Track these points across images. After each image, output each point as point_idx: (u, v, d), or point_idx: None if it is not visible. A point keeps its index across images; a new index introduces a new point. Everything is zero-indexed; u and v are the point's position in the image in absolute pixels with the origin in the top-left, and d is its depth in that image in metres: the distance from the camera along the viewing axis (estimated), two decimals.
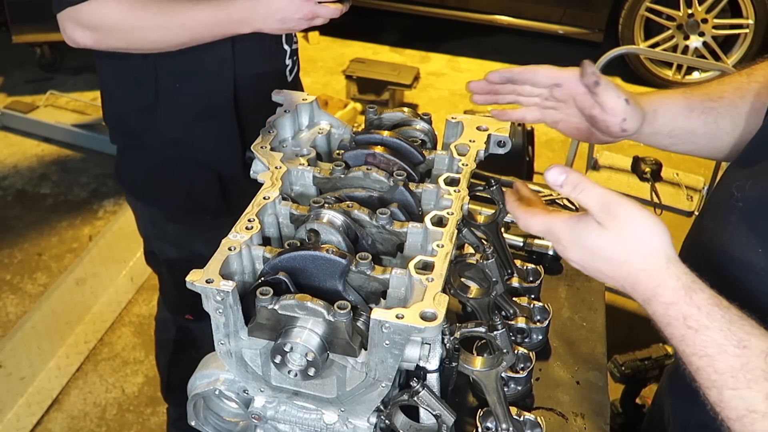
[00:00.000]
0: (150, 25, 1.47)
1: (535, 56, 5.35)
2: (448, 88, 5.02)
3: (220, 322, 0.98)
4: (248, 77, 1.68)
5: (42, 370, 2.81)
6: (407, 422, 1.10)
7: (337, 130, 1.36)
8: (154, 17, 1.46)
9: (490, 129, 1.30)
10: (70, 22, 1.46)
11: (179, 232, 1.86)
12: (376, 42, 5.51)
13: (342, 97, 4.46)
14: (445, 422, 1.05)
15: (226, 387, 1.10)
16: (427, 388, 1.03)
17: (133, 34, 1.49)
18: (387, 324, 0.89)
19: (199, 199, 1.80)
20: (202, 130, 1.71)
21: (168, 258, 1.91)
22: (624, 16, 4.80)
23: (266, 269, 1.00)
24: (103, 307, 3.10)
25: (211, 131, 1.72)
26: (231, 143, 1.72)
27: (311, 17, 1.51)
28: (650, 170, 2.80)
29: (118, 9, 1.44)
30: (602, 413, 1.29)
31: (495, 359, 1.10)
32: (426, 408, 1.04)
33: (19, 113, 4.37)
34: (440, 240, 1.04)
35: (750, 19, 4.62)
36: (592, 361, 1.39)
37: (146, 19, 1.46)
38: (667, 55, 4.43)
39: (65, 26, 1.47)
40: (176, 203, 1.82)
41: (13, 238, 3.52)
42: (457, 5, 5.16)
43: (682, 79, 4.90)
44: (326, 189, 1.19)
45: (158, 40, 1.50)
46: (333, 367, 1.00)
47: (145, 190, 1.84)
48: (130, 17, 1.45)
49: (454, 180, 1.17)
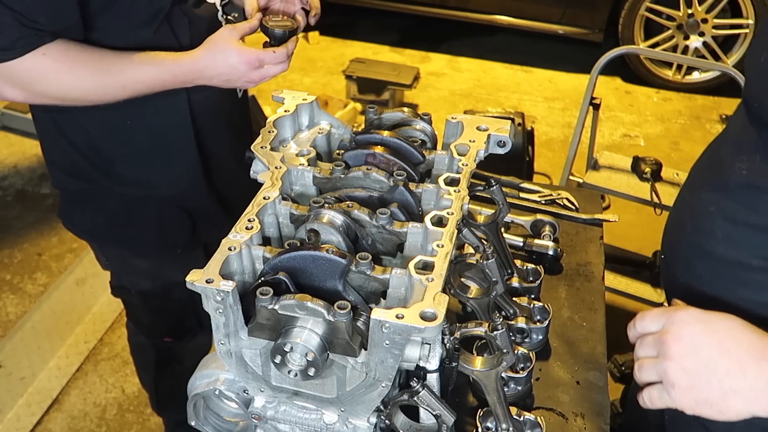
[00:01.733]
0: (88, 85, 1.35)
1: (535, 56, 5.36)
2: (448, 88, 5.02)
3: (220, 322, 0.98)
4: (203, 101, 1.59)
5: (42, 370, 2.81)
6: (407, 422, 1.10)
7: (337, 130, 1.36)
8: (94, 77, 1.34)
9: (490, 129, 1.30)
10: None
11: (151, 265, 1.79)
12: (376, 42, 5.51)
13: (342, 97, 4.46)
14: (445, 422, 1.05)
15: (226, 387, 1.10)
16: (427, 388, 1.03)
17: (70, 95, 1.37)
18: (387, 324, 0.89)
19: (168, 235, 1.71)
20: (162, 165, 1.62)
21: (142, 290, 1.84)
22: (624, 16, 4.80)
23: (266, 269, 1.00)
24: (103, 307, 3.10)
25: (171, 164, 1.62)
26: (193, 173, 1.65)
27: (259, 80, 1.47)
28: (650, 170, 2.80)
29: (55, 68, 1.31)
30: (602, 413, 1.29)
31: (495, 359, 1.10)
32: (426, 408, 1.04)
33: (19, 113, 4.37)
34: (440, 240, 1.04)
35: (750, 19, 4.62)
36: (592, 361, 1.39)
37: (85, 80, 1.34)
38: (667, 55, 4.43)
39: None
40: (144, 242, 1.72)
41: (13, 238, 3.52)
42: (457, 5, 5.16)
43: (682, 79, 4.91)
44: (326, 189, 1.19)
45: (96, 100, 1.39)
46: (333, 367, 1.00)
47: (107, 233, 1.73)
48: (69, 78, 1.33)
49: (454, 180, 1.17)
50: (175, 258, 1.75)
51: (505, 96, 4.93)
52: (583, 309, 1.52)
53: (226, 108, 1.68)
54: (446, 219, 1.08)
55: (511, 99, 4.88)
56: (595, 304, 1.53)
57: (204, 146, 1.64)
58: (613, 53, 2.87)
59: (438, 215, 1.09)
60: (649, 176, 2.79)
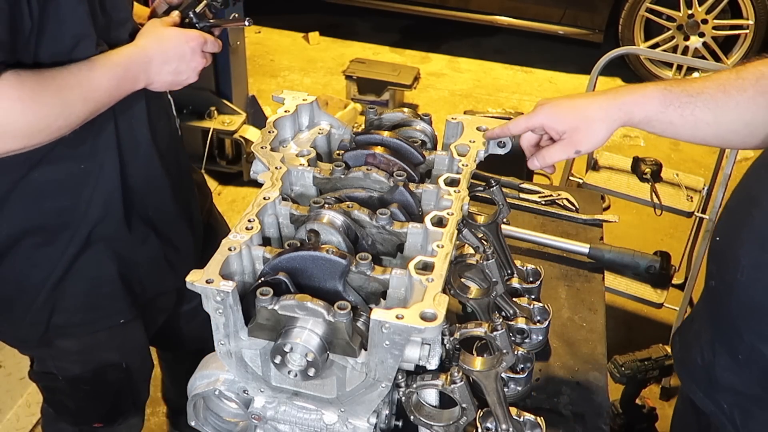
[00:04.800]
0: (53, 108, 1.21)
1: (535, 57, 5.36)
2: (448, 89, 5.02)
3: (220, 322, 0.98)
4: (157, 135, 1.48)
5: None
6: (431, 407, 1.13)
7: (337, 130, 1.36)
8: (57, 97, 1.21)
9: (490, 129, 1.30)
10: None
11: (80, 345, 1.55)
12: (376, 42, 5.51)
13: (342, 98, 4.45)
14: (467, 416, 1.06)
15: (226, 387, 1.10)
16: (466, 381, 1.04)
17: (36, 126, 1.20)
18: (387, 324, 0.89)
19: (98, 303, 1.49)
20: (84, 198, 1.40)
21: (71, 375, 1.59)
22: (624, 16, 4.80)
23: (266, 269, 1.00)
24: None
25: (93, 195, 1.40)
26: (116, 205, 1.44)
27: (201, 64, 1.41)
28: (650, 171, 2.80)
29: (18, 98, 1.15)
30: (602, 414, 1.29)
31: (495, 360, 1.10)
32: (457, 399, 1.05)
33: None
34: (440, 240, 1.04)
35: (750, 19, 4.62)
36: (592, 361, 1.39)
37: (49, 103, 1.20)
38: (667, 55, 4.43)
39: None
40: (67, 319, 1.48)
41: None
42: (457, 5, 5.15)
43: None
44: (326, 189, 1.19)
45: (63, 125, 1.24)
46: (333, 368, 1.01)
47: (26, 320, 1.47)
48: (33, 106, 1.17)
49: (454, 180, 1.17)
50: (109, 335, 1.55)
51: (505, 96, 4.93)
52: (583, 309, 1.52)
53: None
54: (446, 219, 1.08)
55: (511, 99, 4.88)
56: (595, 304, 1.53)
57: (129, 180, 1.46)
58: (613, 54, 2.87)
59: (438, 216, 1.09)
60: (649, 177, 2.79)
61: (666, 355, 2.27)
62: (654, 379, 2.33)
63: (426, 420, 1.11)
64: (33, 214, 1.37)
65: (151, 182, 1.50)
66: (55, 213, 1.38)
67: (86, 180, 1.38)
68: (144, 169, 1.47)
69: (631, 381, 2.29)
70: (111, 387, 1.65)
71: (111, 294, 1.49)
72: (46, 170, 1.33)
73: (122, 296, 1.50)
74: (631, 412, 2.39)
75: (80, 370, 1.58)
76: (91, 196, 1.39)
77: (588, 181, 2.88)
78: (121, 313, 1.53)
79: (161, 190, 1.53)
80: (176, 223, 1.59)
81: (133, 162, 1.43)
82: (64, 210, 1.38)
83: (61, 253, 1.41)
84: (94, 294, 1.47)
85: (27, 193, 1.35)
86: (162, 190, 1.53)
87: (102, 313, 1.51)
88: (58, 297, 1.44)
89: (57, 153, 1.31)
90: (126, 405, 1.73)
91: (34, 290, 1.43)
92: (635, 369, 2.25)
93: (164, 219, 1.55)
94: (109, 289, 1.49)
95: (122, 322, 1.53)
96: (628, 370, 2.25)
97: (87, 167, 1.37)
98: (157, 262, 1.56)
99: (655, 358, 2.26)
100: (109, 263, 1.46)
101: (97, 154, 1.37)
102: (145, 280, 1.55)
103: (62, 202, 1.38)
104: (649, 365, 2.26)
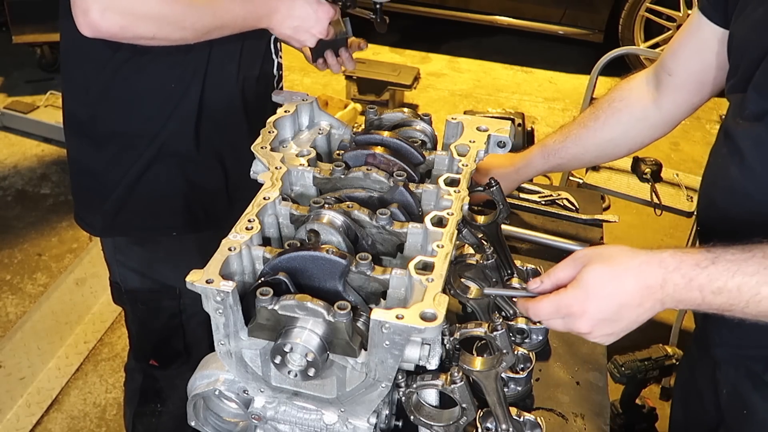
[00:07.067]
0: (186, 9, 1.37)
1: (535, 57, 5.36)
2: (448, 89, 5.02)
3: (220, 322, 0.98)
4: (245, 79, 1.63)
5: (42, 371, 2.81)
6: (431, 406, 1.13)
7: (337, 130, 1.36)
8: (191, 1, 1.38)
9: (490, 129, 1.30)
10: (96, 4, 1.29)
11: (143, 253, 1.73)
12: (376, 42, 5.51)
13: (342, 98, 4.46)
14: (467, 416, 1.06)
15: (226, 387, 1.10)
16: (466, 381, 1.04)
17: (167, 18, 1.37)
18: (387, 324, 0.89)
19: (161, 214, 1.66)
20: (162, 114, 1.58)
21: (131, 288, 1.77)
22: (624, 16, 4.80)
23: (266, 269, 1.00)
24: (103, 307, 3.10)
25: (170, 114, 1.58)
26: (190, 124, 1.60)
27: (322, 33, 1.53)
28: (650, 171, 2.80)
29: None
30: (602, 414, 1.29)
31: (495, 360, 1.10)
32: (457, 399, 1.05)
33: (19, 113, 4.37)
34: (440, 240, 1.04)
35: None
36: (592, 361, 1.39)
37: (184, 2, 1.37)
38: None
39: (88, 9, 1.30)
40: (140, 223, 1.67)
41: (13, 238, 3.52)
42: (457, 5, 5.16)
43: None
44: (326, 189, 1.19)
45: (189, 29, 1.40)
46: (333, 368, 1.00)
47: (113, 221, 1.68)
48: (170, 0, 1.35)
49: (454, 180, 1.17)
50: (165, 254, 1.69)
51: (505, 96, 4.93)
52: None
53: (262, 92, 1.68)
54: (446, 219, 1.08)
55: (511, 99, 4.88)
56: None
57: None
58: (613, 54, 2.87)
59: (438, 216, 1.09)
60: (649, 177, 2.80)
61: (666, 354, 2.27)
62: (654, 379, 2.33)
63: (426, 420, 1.11)
64: (124, 118, 1.55)
65: (228, 117, 1.63)
66: (141, 120, 1.56)
67: (171, 97, 1.54)
68: (225, 103, 1.60)
69: (631, 381, 2.29)
70: (165, 313, 1.78)
71: (171, 208, 1.65)
72: (143, 77, 1.51)
73: (181, 212, 1.65)
74: (631, 412, 2.39)
75: (139, 284, 1.75)
76: (172, 113, 1.55)
77: (588, 181, 2.89)
78: (176, 228, 1.67)
79: (237, 127, 1.65)
80: (244, 162, 1.62)
81: (215, 94, 1.57)
82: (149, 119, 1.55)
83: (138, 157, 1.58)
84: (157, 203, 1.63)
85: (123, 94, 1.53)
86: (237, 127, 1.65)
87: (160, 223, 1.66)
88: (128, 197, 1.62)
89: (156, 67, 1.49)
90: (177, 344, 1.84)
91: (113, 185, 1.61)
92: (635, 369, 2.25)
93: (233, 155, 1.66)
94: (170, 203, 1.64)
95: (175, 236, 1.68)
96: (628, 370, 2.25)
97: (176, 87, 1.53)
98: (219, 193, 1.69)
99: (655, 358, 2.26)
100: (175, 179, 1.62)
101: (185, 77, 1.53)
102: (206, 206, 1.68)
103: (149, 112, 1.55)
104: (649, 365, 2.26)
